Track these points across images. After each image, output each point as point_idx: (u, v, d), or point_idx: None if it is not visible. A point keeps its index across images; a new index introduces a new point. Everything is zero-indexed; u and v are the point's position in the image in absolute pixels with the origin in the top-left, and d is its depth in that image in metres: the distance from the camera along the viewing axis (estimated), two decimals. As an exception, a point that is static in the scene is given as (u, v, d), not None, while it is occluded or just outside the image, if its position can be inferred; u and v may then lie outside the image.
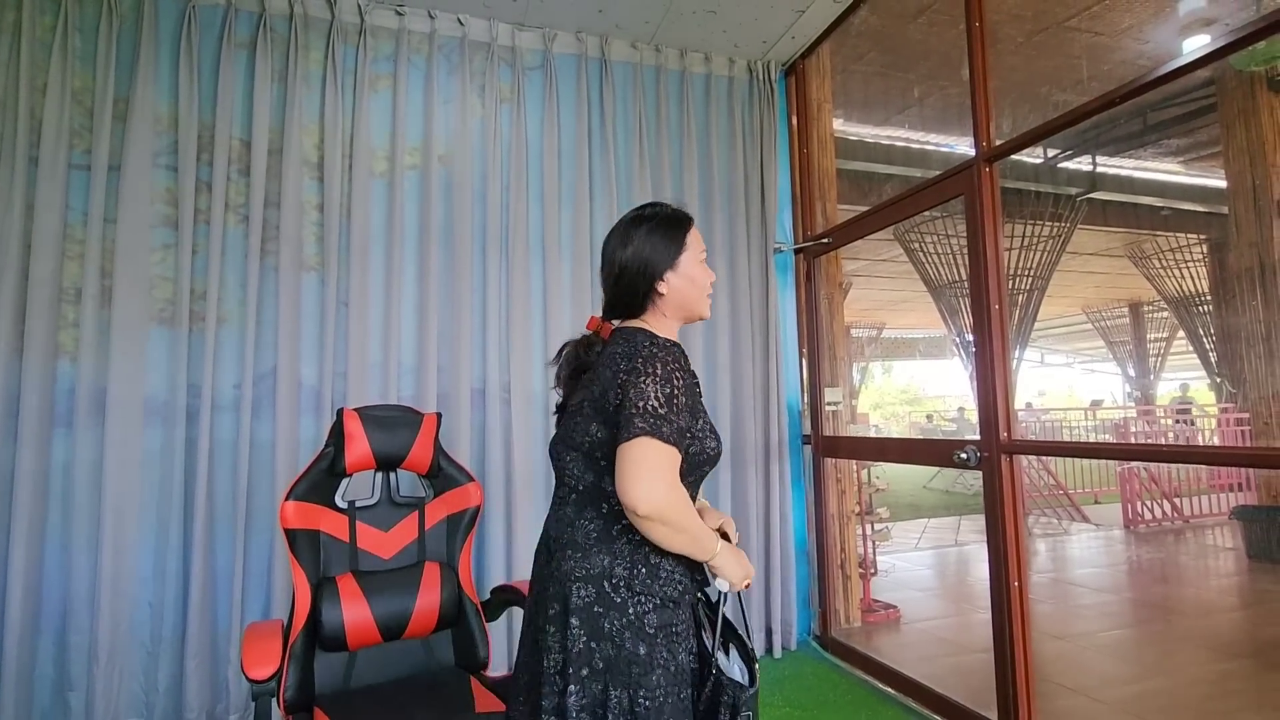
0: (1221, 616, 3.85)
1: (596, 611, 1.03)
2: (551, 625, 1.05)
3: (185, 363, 2.33)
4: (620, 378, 1.05)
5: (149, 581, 2.27)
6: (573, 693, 1.00)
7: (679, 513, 1.00)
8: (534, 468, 2.71)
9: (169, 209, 2.40)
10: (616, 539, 1.06)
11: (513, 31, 2.84)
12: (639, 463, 0.97)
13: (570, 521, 1.10)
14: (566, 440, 1.14)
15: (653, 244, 1.16)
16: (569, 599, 1.04)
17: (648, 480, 0.97)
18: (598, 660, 1.01)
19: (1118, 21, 3.90)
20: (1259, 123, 4.77)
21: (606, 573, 1.04)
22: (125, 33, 2.38)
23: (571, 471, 1.13)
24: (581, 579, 1.05)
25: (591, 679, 1.01)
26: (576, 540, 1.08)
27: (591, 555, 1.06)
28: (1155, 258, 8.62)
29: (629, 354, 1.07)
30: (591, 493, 1.09)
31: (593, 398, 1.09)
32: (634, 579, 1.04)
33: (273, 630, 1.46)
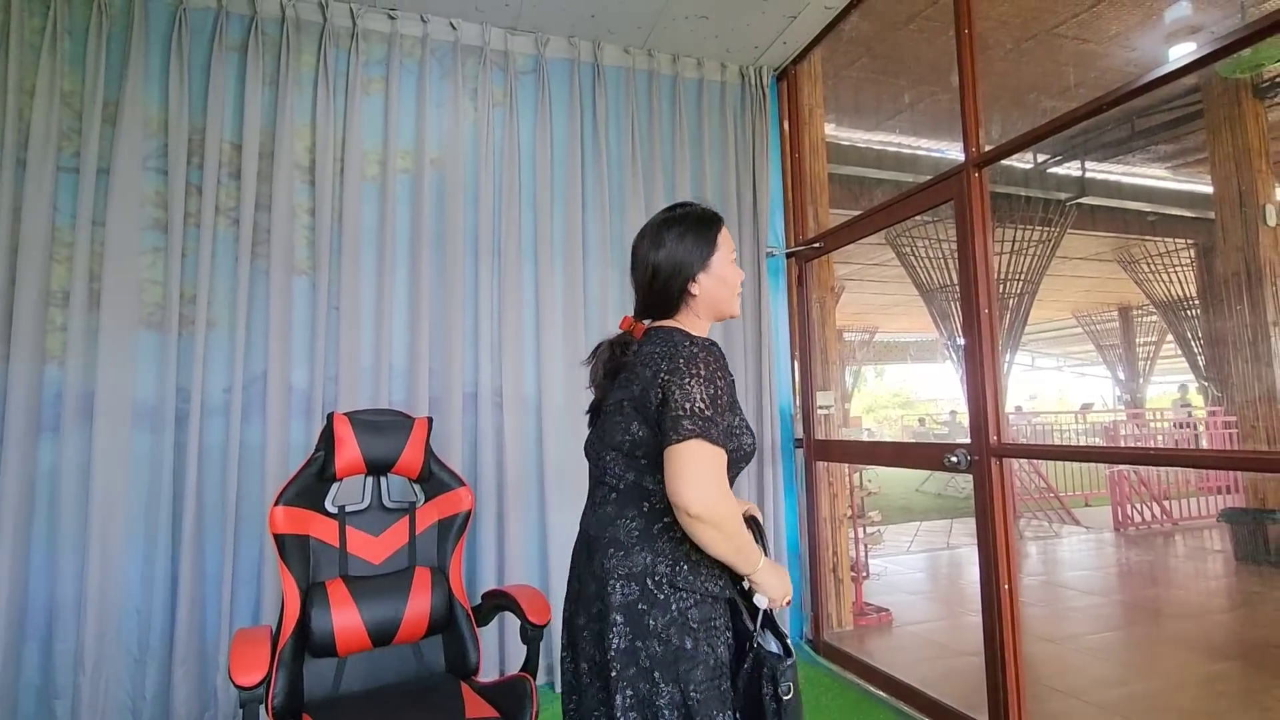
0: (1210, 619, 3.88)
1: (640, 609, 1.04)
2: (595, 623, 1.07)
3: (174, 367, 2.31)
4: (662, 377, 1.06)
5: (136, 588, 2.25)
6: (619, 689, 1.02)
7: (729, 518, 1.02)
8: (526, 472, 2.70)
9: (158, 212, 2.38)
10: (658, 537, 1.08)
11: (505, 35, 2.84)
12: (690, 464, 0.99)
13: (611, 520, 1.11)
14: (605, 439, 1.16)
15: (685, 246, 1.17)
16: (611, 597, 1.05)
17: (701, 482, 0.99)
18: (644, 658, 1.02)
19: (1105, 29, 3.94)
20: (1244, 129, 4.83)
21: (649, 570, 1.05)
22: (115, 35, 2.37)
23: (612, 470, 1.14)
24: (624, 577, 1.06)
25: (639, 677, 1.02)
26: (619, 538, 1.09)
27: (634, 553, 1.07)
28: (1144, 262, 8.69)
29: (669, 353, 1.08)
30: (632, 491, 1.11)
31: (632, 397, 1.10)
32: (676, 576, 1.05)
33: (261, 636, 1.45)
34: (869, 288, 10.29)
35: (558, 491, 2.70)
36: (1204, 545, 5.97)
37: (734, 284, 1.21)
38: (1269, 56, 3.90)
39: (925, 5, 3.51)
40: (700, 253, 1.18)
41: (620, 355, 1.20)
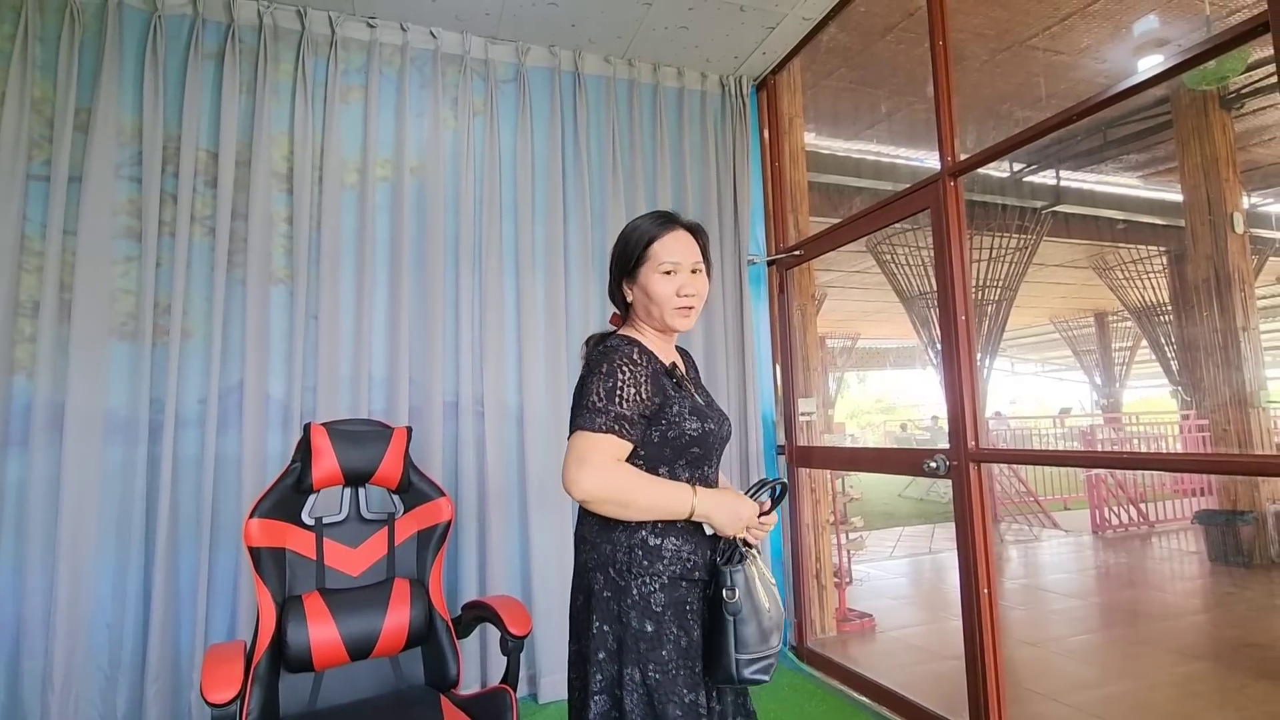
0: (1185, 619, 3.94)
1: (606, 596, 1.12)
2: (578, 615, 1.17)
3: (148, 377, 2.27)
4: (581, 378, 1.17)
5: (107, 603, 2.20)
6: (592, 675, 1.11)
7: (616, 490, 1.08)
8: (508, 481, 2.69)
9: (132, 221, 2.35)
10: (613, 528, 1.14)
11: (486, 44, 2.84)
12: (569, 456, 1.09)
13: (583, 517, 1.20)
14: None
15: (619, 251, 1.24)
16: (590, 588, 1.15)
17: (574, 469, 1.07)
18: (611, 641, 1.10)
19: (1077, 41, 4.03)
20: (1212, 139, 4.96)
21: (609, 559, 1.13)
22: (88, 42, 2.34)
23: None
24: (594, 568, 1.15)
25: (607, 660, 1.10)
26: (585, 534, 1.19)
27: (598, 546, 1.15)
28: (1118, 269, 8.86)
29: (592, 361, 1.17)
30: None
31: (575, 401, 1.18)
32: (632, 562, 1.12)
33: (234, 652, 1.43)
34: (851, 295, 10.38)
35: (539, 501, 2.68)
36: (1179, 547, 6.07)
37: (660, 296, 1.20)
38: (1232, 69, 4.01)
39: (901, 17, 3.57)
40: (627, 261, 1.23)
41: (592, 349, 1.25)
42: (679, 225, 1.24)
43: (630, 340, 1.18)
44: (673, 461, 1.18)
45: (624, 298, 1.25)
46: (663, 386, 1.17)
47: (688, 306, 1.22)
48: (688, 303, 1.22)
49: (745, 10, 2.76)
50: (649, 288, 1.21)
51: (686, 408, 1.18)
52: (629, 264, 1.23)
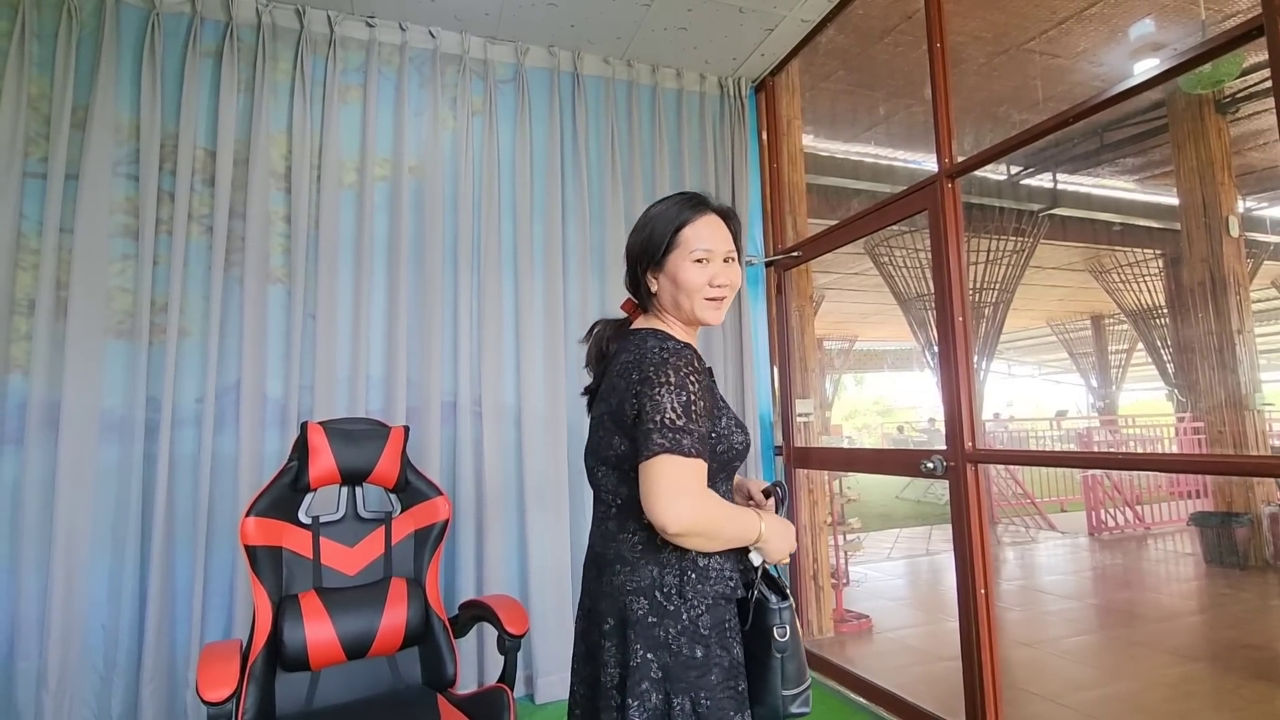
0: (1180, 621, 3.95)
1: (651, 622, 1.02)
2: (607, 640, 1.04)
3: (144, 376, 2.26)
4: (635, 389, 1.02)
5: (102, 603, 2.19)
6: (632, 706, 0.99)
7: (710, 521, 0.98)
8: (505, 481, 2.68)
9: (129, 219, 2.34)
10: (662, 549, 1.04)
11: (485, 44, 2.85)
12: (660, 482, 0.95)
13: (614, 535, 1.08)
14: (596, 453, 1.11)
15: (643, 236, 1.12)
16: (624, 612, 1.03)
17: (670, 498, 0.94)
18: (656, 670, 1.00)
19: (1073, 45, 4.05)
20: (1208, 143, 4.98)
21: (657, 583, 1.03)
22: (85, 40, 2.34)
23: (606, 485, 1.10)
24: (633, 592, 1.03)
25: (651, 690, 1.00)
26: (623, 554, 1.06)
27: (640, 568, 1.04)
28: (1114, 272, 8.89)
29: (639, 362, 1.04)
30: (630, 505, 1.05)
31: (611, 410, 1.06)
32: (685, 585, 1.03)
33: (230, 650, 1.42)
34: (848, 296, 10.40)
35: (537, 501, 2.68)
36: (1175, 549, 6.09)
37: (691, 286, 1.09)
38: (1227, 73, 4.03)
39: (899, 20, 3.58)
40: (655, 247, 1.10)
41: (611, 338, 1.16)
42: (710, 209, 1.13)
43: (684, 343, 1.07)
44: (715, 475, 1.06)
45: (648, 288, 1.13)
46: (716, 396, 1.09)
47: (720, 298, 1.12)
48: (720, 293, 1.11)
49: (744, 12, 2.76)
50: (678, 277, 1.09)
51: (732, 420, 1.11)
52: (656, 251, 1.10)
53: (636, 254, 1.13)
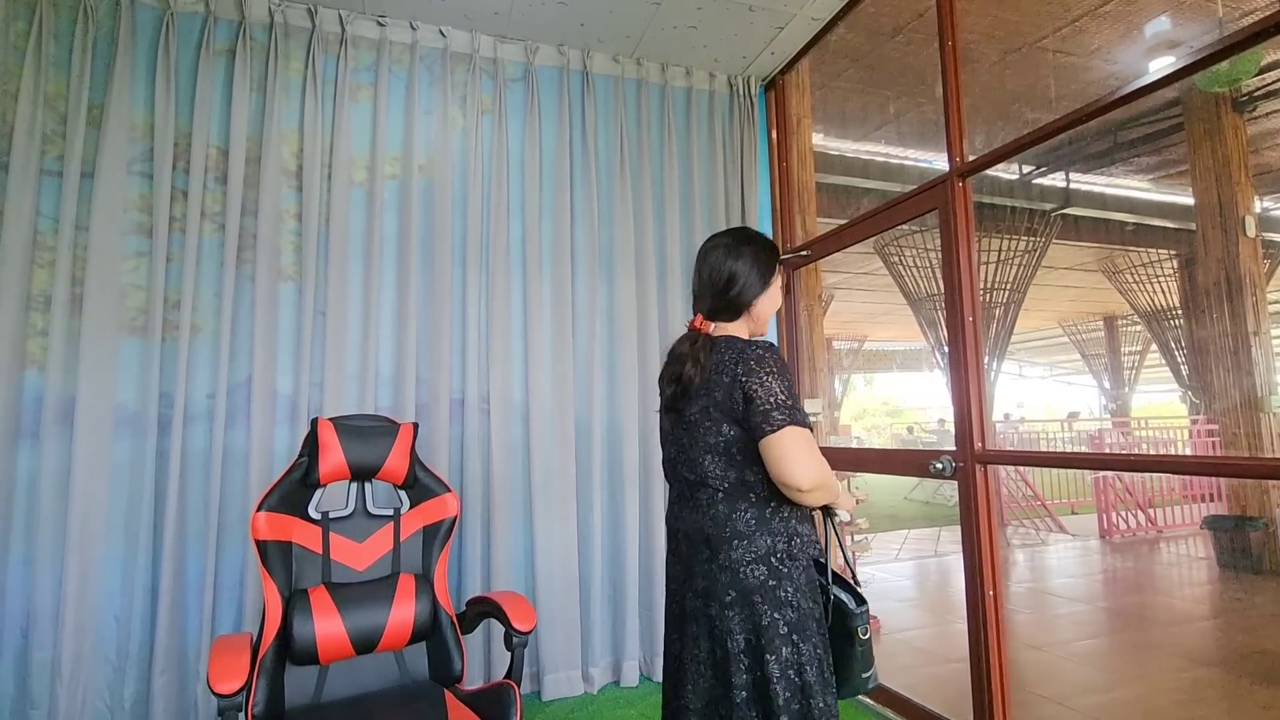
0: (1193, 625, 3.91)
1: (771, 585, 1.19)
2: (730, 610, 1.19)
3: (157, 372, 2.29)
4: (740, 380, 1.21)
5: (115, 595, 2.21)
6: (770, 661, 1.15)
7: (828, 476, 1.20)
8: (513, 479, 2.69)
9: (143, 216, 2.37)
10: (771, 519, 1.23)
11: (495, 43, 2.85)
12: (791, 449, 1.16)
13: (727, 516, 1.23)
14: (699, 444, 1.26)
15: (759, 265, 1.35)
16: (746, 581, 1.19)
17: (804, 461, 1.16)
18: (783, 626, 1.17)
19: (1087, 43, 4.01)
20: (1224, 142, 4.92)
21: (772, 550, 1.21)
22: (101, 39, 2.36)
23: (713, 473, 1.25)
24: (752, 561, 1.20)
25: (783, 643, 1.17)
26: (740, 530, 1.22)
27: (756, 539, 1.21)
28: (1128, 272, 8.81)
29: (740, 358, 1.24)
30: (738, 487, 1.24)
31: (716, 402, 1.24)
32: (791, 549, 1.22)
33: (241, 644, 1.44)
34: (857, 296, 10.36)
35: (544, 499, 2.69)
36: (1188, 552, 6.03)
37: (777, 306, 1.41)
38: (1244, 71, 3.98)
39: (911, 18, 3.56)
40: (767, 275, 1.36)
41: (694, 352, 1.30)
42: None
43: (772, 343, 1.29)
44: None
45: (747, 304, 1.35)
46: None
47: None
48: None
49: (754, 10, 2.76)
50: (775, 298, 1.38)
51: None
52: (768, 276, 1.36)
53: (751, 278, 1.34)
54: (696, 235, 3.04)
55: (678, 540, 1.33)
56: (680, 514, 1.32)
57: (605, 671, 2.75)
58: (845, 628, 1.24)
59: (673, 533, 1.35)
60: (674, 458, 1.34)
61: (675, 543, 1.34)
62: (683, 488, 1.32)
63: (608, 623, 2.78)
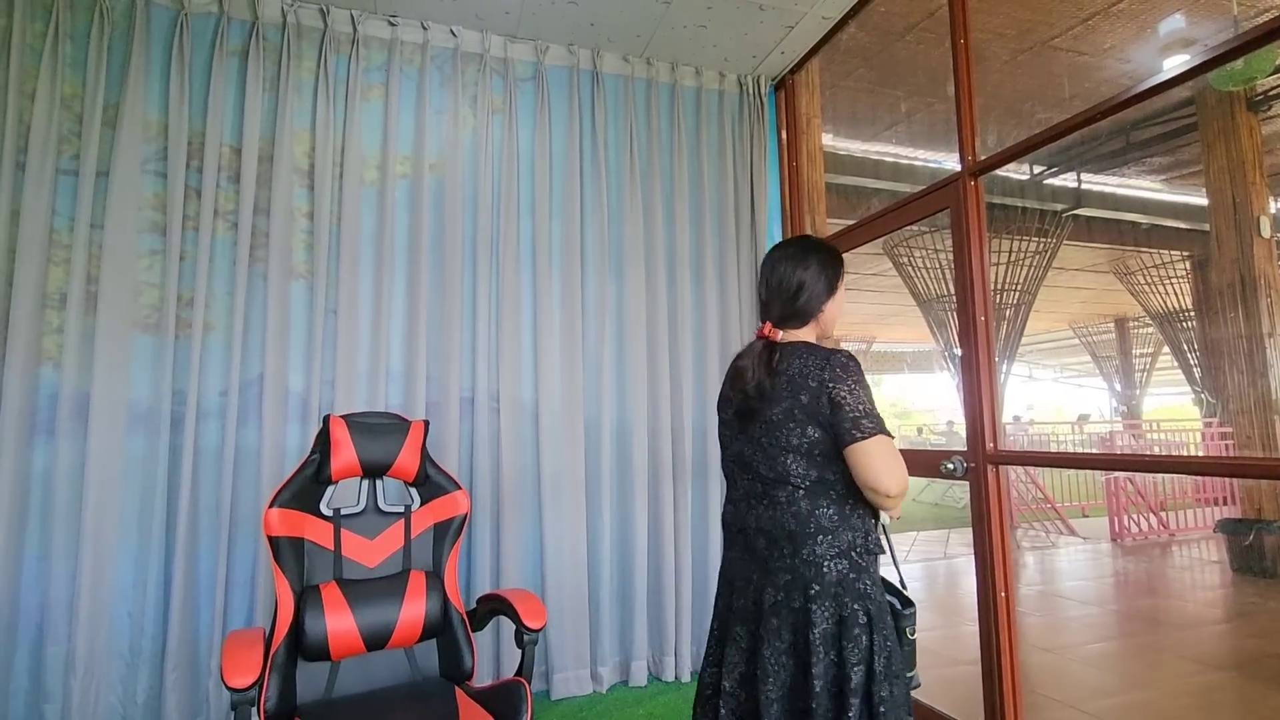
0: (1206, 629, 3.87)
1: (851, 578, 1.26)
2: (813, 603, 1.24)
3: (170, 369, 2.31)
4: (827, 386, 1.27)
5: (128, 591, 2.23)
6: (848, 649, 1.21)
7: (907, 483, 1.26)
8: (522, 477, 2.70)
9: (157, 215, 2.39)
10: (850, 516, 1.29)
11: (505, 43, 2.86)
12: (882, 457, 1.23)
13: (809, 513, 1.28)
14: (780, 444, 1.31)
15: (827, 272, 1.40)
16: (828, 575, 1.25)
17: (894, 469, 1.23)
18: (861, 616, 1.23)
19: (1100, 42, 3.98)
20: (1238, 142, 4.87)
21: (852, 545, 1.28)
22: (116, 40, 2.39)
23: (795, 471, 1.30)
24: (835, 556, 1.26)
25: (861, 633, 1.23)
26: (823, 526, 1.27)
27: (839, 534, 1.27)
28: (1140, 274, 8.73)
29: (824, 365, 1.29)
30: (819, 485, 1.29)
31: (802, 405, 1.29)
32: (867, 544, 1.30)
33: (254, 639, 1.45)
34: (866, 297, 10.31)
35: (553, 496, 2.69)
36: (1201, 556, 5.97)
37: (841, 312, 1.44)
38: (1260, 69, 3.94)
39: (922, 17, 3.54)
40: (833, 281, 1.41)
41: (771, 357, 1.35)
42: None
43: (850, 353, 1.34)
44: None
45: (816, 311, 1.40)
46: None
47: None
48: None
49: (764, 9, 2.75)
50: (840, 304, 1.43)
51: None
52: (835, 284, 1.42)
53: (819, 286, 1.40)
54: (706, 235, 3.04)
55: (749, 537, 1.35)
56: (751, 511, 1.35)
57: (614, 671, 2.75)
58: (895, 627, 1.30)
59: (740, 530, 1.38)
60: (748, 456, 1.36)
61: (746, 540, 1.36)
62: (755, 485, 1.35)
63: (616, 622, 2.78)
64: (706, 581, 2.86)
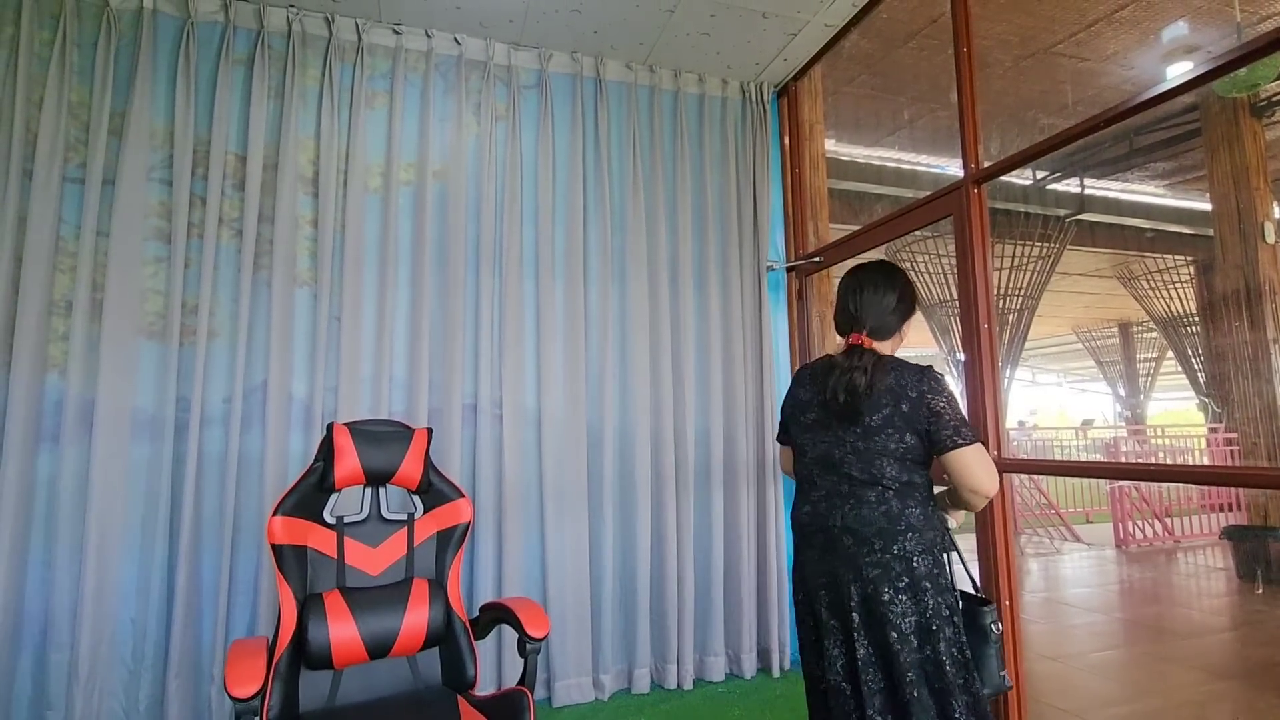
0: (1212, 637, 3.85)
1: (935, 573, 1.38)
2: (902, 595, 1.35)
3: (175, 376, 2.31)
4: (926, 398, 1.40)
5: (132, 598, 2.24)
6: (939, 641, 1.33)
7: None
8: (525, 484, 2.70)
9: (162, 223, 2.40)
10: (932, 516, 1.43)
11: (509, 51, 2.87)
12: (982, 462, 1.39)
13: (899, 512, 1.39)
14: (876, 449, 1.42)
15: (909, 294, 1.56)
16: (916, 570, 1.36)
17: (992, 472, 1.39)
18: (944, 609, 1.36)
19: (1103, 48, 3.98)
20: (1242, 147, 4.86)
21: (935, 542, 1.40)
22: (123, 49, 2.40)
23: (889, 474, 1.41)
24: (921, 552, 1.37)
25: (945, 624, 1.35)
26: (912, 524, 1.39)
27: (925, 532, 1.39)
28: (1143, 279, 8.71)
29: (920, 379, 1.42)
30: (908, 487, 1.41)
31: (902, 414, 1.40)
32: (945, 543, 1.43)
33: (257, 647, 1.45)
34: (869, 302, 10.28)
35: (556, 504, 2.69)
36: (1206, 563, 5.93)
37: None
38: (1264, 76, 3.94)
39: (925, 24, 3.55)
40: (912, 304, 1.57)
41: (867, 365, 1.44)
42: None
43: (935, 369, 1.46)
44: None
45: (902, 327, 1.55)
46: None
47: None
48: None
49: (767, 17, 2.76)
50: (912, 325, 1.57)
51: None
52: (914, 302, 1.58)
53: (907, 308, 1.55)
54: (709, 241, 3.04)
55: (831, 535, 1.44)
56: (834, 511, 1.44)
57: (616, 679, 2.74)
58: (980, 625, 1.43)
59: (822, 529, 1.46)
60: (837, 459, 1.45)
61: (828, 538, 1.45)
62: (841, 485, 1.44)
63: (619, 630, 2.77)
64: (709, 588, 2.85)
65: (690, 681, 2.77)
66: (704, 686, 2.77)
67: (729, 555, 2.91)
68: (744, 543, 2.90)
